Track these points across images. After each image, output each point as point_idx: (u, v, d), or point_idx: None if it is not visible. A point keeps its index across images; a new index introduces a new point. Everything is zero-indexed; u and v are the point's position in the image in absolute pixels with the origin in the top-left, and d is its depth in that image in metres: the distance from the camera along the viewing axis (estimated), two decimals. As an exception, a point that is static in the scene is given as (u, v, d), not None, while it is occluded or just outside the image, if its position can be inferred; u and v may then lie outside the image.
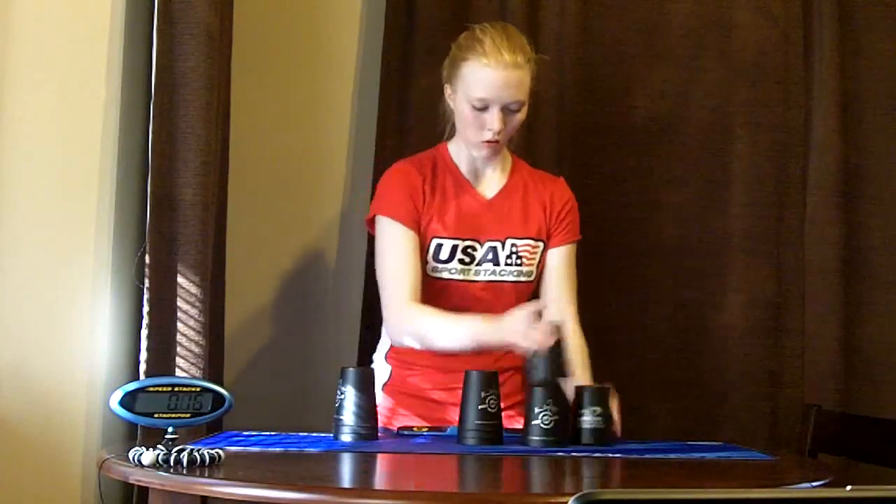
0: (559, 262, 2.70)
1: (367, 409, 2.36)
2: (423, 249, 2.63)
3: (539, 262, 2.69)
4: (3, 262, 2.53)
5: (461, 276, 2.64)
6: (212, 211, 2.66)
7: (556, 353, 2.34)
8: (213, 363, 2.70)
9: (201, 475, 1.92)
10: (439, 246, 2.63)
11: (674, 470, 2.19)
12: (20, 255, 2.53)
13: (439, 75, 2.70)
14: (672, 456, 2.32)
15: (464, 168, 2.70)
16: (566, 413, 2.35)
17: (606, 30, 3.21)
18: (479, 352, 2.54)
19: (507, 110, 2.59)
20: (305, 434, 2.53)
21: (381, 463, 2.21)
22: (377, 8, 3.18)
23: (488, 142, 2.61)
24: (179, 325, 2.56)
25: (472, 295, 2.63)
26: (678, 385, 3.17)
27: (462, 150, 2.69)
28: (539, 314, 2.38)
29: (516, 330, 2.37)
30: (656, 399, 3.16)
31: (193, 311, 2.57)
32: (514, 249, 2.66)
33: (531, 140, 3.14)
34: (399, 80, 3.13)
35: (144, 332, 2.55)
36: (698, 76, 3.22)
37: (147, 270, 2.55)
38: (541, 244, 2.69)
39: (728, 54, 3.22)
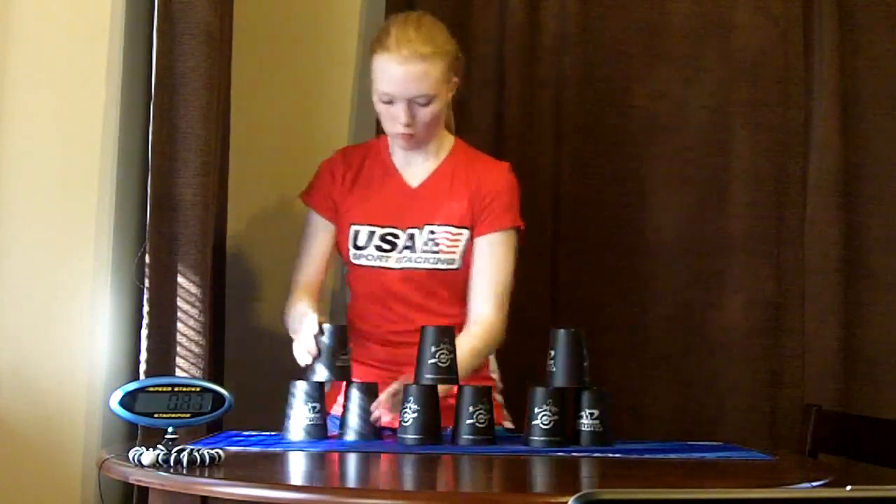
0: (479, 253, 2.66)
1: (369, 409, 2.37)
2: (344, 236, 2.68)
3: (465, 250, 2.66)
4: (3, 261, 2.53)
5: (378, 263, 2.65)
6: (212, 211, 2.66)
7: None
8: (213, 363, 2.70)
9: (201, 475, 1.92)
10: (357, 232, 2.66)
11: (674, 470, 2.19)
12: (20, 255, 2.53)
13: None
14: (672, 456, 2.32)
15: (396, 157, 2.72)
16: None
17: (606, 30, 3.21)
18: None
19: (414, 104, 2.58)
20: (305, 434, 2.53)
21: (382, 463, 2.22)
22: (377, 8, 3.18)
23: (402, 134, 2.62)
24: (179, 325, 2.56)
25: (388, 282, 2.64)
26: (678, 385, 3.17)
27: (393, 142, 2.71)
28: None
29: (299, 337, 2.47)
30: (656, 399, 3.16)
31: (193, 311, 2.57)
32: (431, 236, 2.65)
33: (531, 140, 3.15)
34: (399, 80, 3.12)
35: (144, 332, 2.55)
36: (698, 76, 3.21)
37: (147, 270, 2.55)
38: (464, 231, 2.66)
39: (728, 54, 3.22)
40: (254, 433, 2.49)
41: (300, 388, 2.36)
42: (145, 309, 2.55)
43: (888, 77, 3.22)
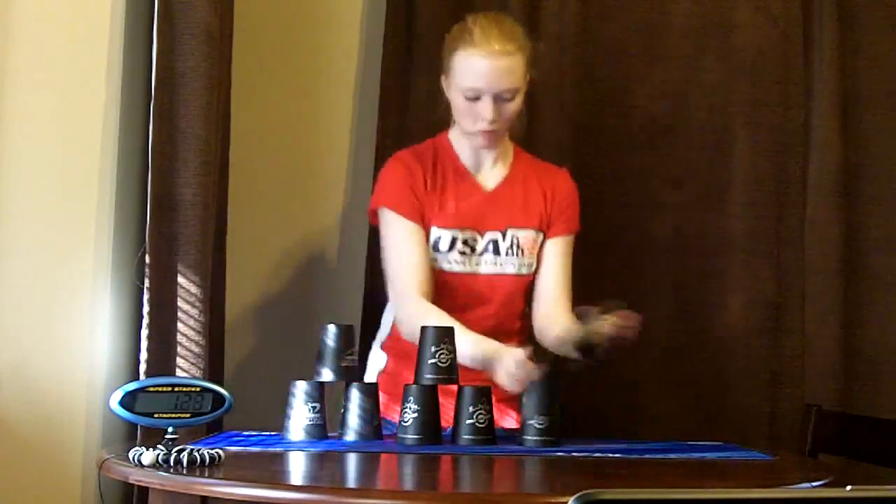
0: (556, 254, 2.69)
1: (370, 409, 2.36)
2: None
3: (539, 253, 2.69)
4: (3, 262, 2.53)
5: (462, 268, 2.63)
6: (212, 211, 2.66)
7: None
8: (213, 363, 2.70)
9: (201, 475, 1.92)
10: (438, 237, 2.63)
11: (674, 470, 2.19)
12: (20, 255, 2.54)
13: (439, 65, 2.69)
14: (672, 456, 2.32)
15: (465, 158, 2.70)
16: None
17: (606, 30, 3.21)
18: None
19: (499, 99, 2.58)
20: (305, 434, 2.53)
21: (381, 463, 2.21)
22: (377, 8, 3.18)
23: (484, 131, 2.61)
24: (179, 325, 2.56)
25: (472, 287, 2.63)
26: (678, 385, 3.17)
27: (462, 141, 2.69)
28: (531, 359, 2.38)
29: (509, 372, 2.38)
30: (656, 399, 3.16)
31: (193, 311, 2.57)
32: (514, 241, 2.66)
33: (532, 140, 3.14)
34: (399, 80, 3.13)
35: (144, 332, 2.55)
36: (698, 76, 3.21)
37: (147, 270, 2.55)
38: (541, 235, 2.69)
39: (728, 54, 3.22)
40: (254, 433, 2.48)
41: (300, 388, 2.36)
42: (145, 309, 2.55)
43: (888, 77, 3.22)
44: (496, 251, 2.65)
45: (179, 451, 1.96)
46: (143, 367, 2.54)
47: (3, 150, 2.53)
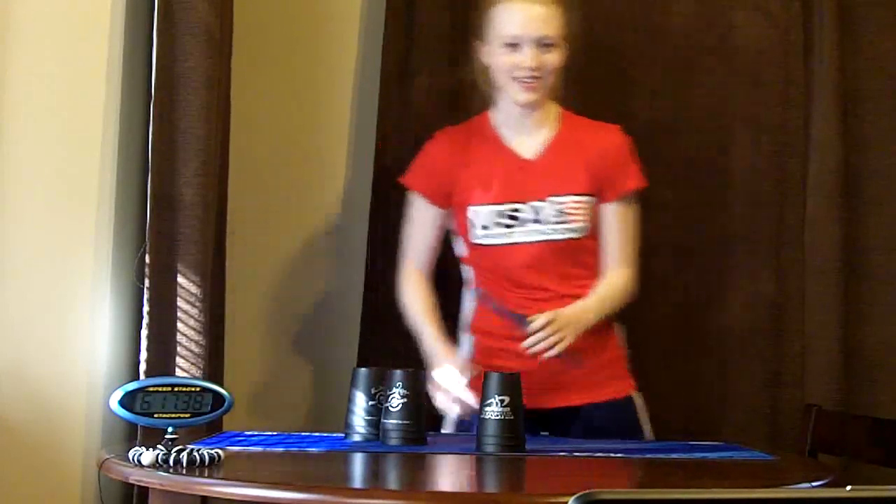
0: (608, 220, 2.71)
1: (370, 410, 2.36)
2: (462, 218, 2.68)
3: (593, 216, 2.69)
4: (4, 262, 2.53)
5: (504, 241, 2.66)
6: (212, 211, 2.66)
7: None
8: (213, 363, 2.70)
9: (201, 475, 1.92)
10: (477, 213, 2.67)
11: (674, 470, 2.19)
12: (20, 255, 2.54)
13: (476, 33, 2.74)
14: (672, 456, 2.32)
15: (505, 132, 2.73)
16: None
17: (606, 30, 3.21)
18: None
19: (540, 46, 2.63)
20: (307, 434, 2.53)
21: (382, 463, 2.22)
22: (377, 8, 3.18)
23: (525, 82, 2.64)
24: (179, 325, 2.56)
25: (518, 258, 2.65)
26: (678, 385, 3.17)
27: (502, 115, 2.73)
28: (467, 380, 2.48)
29: (438, 385, 2.46)
30: (656, 399, 3.15)
31: (193, 311, 2.57)
32: (559, 207, 2.66)
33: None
34: (399, 80, 3.13)
35: (144, 332, 2.55)
36: (698, 76, 3.21)
37: (147, 270, 2.55)
38: (588, 199, 2.69)
39: (728, 54, 3.22)
40: (254, 433, 2.49)
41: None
42: (145, 309, 2.55)
43: (888, 77, 3.22)
44: (539, 220, 2.66)
45: (179, 451, 1.96)
46: (143, 367, 2.54)
47: (3, 150, 2.53)
